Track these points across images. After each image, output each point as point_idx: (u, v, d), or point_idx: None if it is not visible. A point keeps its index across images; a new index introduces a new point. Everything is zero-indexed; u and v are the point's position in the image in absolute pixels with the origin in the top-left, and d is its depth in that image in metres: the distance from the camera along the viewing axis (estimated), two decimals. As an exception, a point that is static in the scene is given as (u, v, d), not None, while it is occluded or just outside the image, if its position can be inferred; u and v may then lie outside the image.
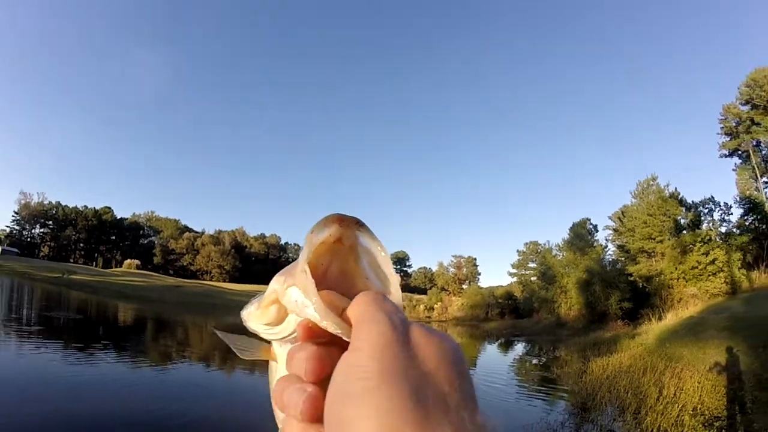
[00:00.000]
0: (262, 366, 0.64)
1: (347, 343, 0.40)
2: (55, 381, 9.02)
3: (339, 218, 0.46)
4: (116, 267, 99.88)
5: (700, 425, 6.98)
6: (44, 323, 16.61)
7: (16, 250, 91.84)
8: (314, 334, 0.44)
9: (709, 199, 38.33)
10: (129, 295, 45.10)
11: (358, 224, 0.47)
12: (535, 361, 19.60)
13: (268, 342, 0.56)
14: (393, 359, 0.36)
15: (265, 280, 0.53)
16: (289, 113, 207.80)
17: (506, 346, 28.62)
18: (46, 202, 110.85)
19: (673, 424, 7.20)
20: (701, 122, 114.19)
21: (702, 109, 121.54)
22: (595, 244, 42.11)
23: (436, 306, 70.03)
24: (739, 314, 18.43)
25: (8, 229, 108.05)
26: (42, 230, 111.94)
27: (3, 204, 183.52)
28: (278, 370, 0.55)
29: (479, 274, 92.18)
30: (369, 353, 0.37)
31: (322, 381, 0.41)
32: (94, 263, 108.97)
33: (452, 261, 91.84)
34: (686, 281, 29.34)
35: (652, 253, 36.03)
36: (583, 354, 16.52)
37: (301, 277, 0.43)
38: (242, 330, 0.58)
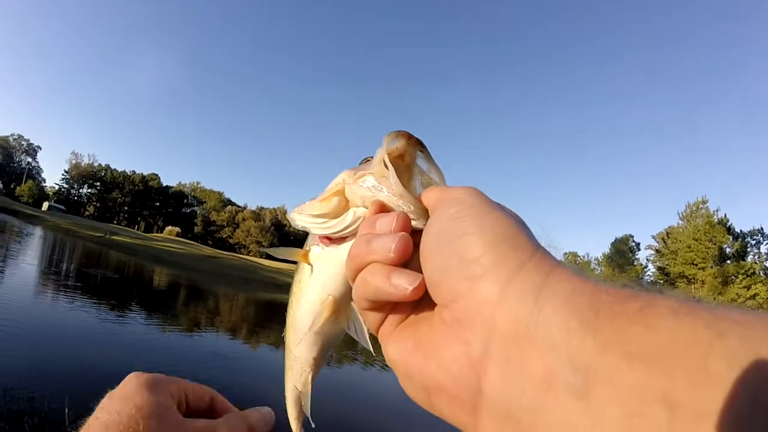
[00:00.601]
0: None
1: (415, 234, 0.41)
2: (85, 335, 9.13)
3: (408, 135, 0.46)
4: (157, 232, 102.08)
5: None
6: (82, 279, 16.96)
7: (62, 207, 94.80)
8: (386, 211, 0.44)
9: (758, 230, 36.43)
10: (166, 260, 45.89)
11: (421, 146, 0.47)
12: None
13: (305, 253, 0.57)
14: (490, 201, 0.39)
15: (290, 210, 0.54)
16: (342, 93, 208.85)
17: None
18: (95, 164, 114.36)
19: None
20: (759, 149, 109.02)
21: (761, 135, 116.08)
22: (635, 262, 40.88)
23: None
24: None
25: (57, 187, 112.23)
26: (89, 190, 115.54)
27: (54, 163, 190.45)
28: (312, 273, 0.56)
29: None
30: (467, 200, 0.38)
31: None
32: (136, 227, 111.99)
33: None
34: (723, 314, 28.13)
35: (693, 280, 34.66)
36: None
37: (380, 166, 0.45)
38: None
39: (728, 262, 32.81)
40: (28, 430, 4.58)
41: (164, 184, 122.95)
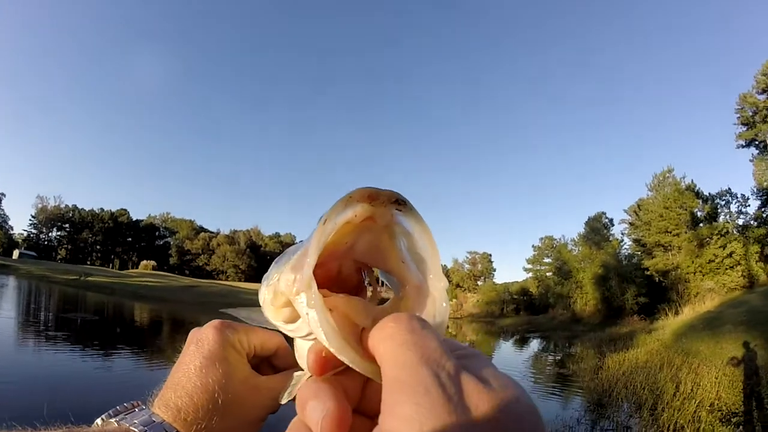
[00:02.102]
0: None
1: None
2: (71, 381, 9.13)
3: (370, 194, 0.36)
4: (132, 268, 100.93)
5: (717, 421, 6.90)
6: (62, 325, 16.84)
7: (33, 253, 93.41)
8: (331, 365, 0.37)
9: (726, 190, 37.70)
10: (145, 296, 45.64)
11: (398, 202, 0.38)
12: (550, 358, 19.52)
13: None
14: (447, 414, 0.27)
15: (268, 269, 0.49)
16: (301, 112, 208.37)
17: (521, 342, 28.45)
18: (62, 206, 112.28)
19: (690, 420, 7.11)
20: (718, 112, 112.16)
21: (719, 99, 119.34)
22: (611, 238, 41.80)
23: (450, 303, 69.89)
24: (756, 308, 18.15)
25: (26, 233, 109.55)
26: (59, 233, 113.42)
27: (20, 208, 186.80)
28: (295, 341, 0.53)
29: (494, 270, 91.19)
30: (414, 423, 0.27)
31: None
32: (110, 265, 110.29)
33: (467, 257, 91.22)
34: (703, 275, 29.12)
35: (669, 247, 35.69)
36: (599, 350, 16.44)
37: (309, 293, 0.35)
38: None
39: (701, 225, 33.69)
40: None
41: (134, 219, 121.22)
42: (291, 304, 0.40)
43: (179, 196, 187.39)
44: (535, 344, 27.15)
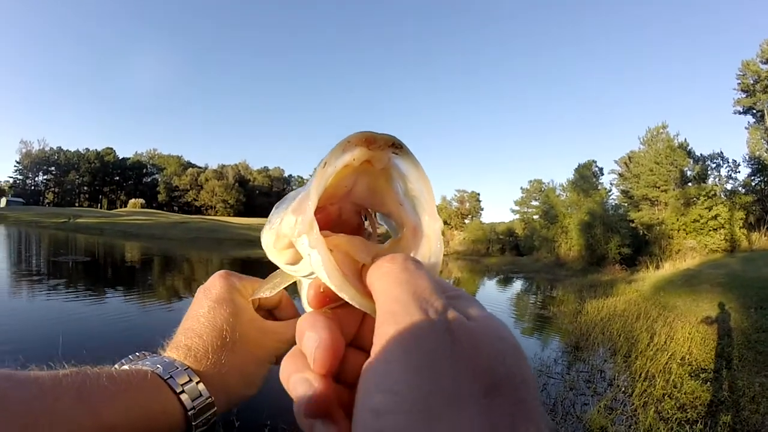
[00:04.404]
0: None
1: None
2: (65, 323, 9.19)
3: (367, 138, 0.38)
4: (121, 207, 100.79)
5: (687, 374, 7.17)
6: (53, 268, 17.01)
7: (21, 199, 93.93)
8: (329, 299, 0.39)
9: (717, 154, 37.69)
10: (134, 234, 45.78)
11: (395, 146, 0.39)
12: (532, 298, 19.71)
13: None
14: (431, 380, 0.28)
15: (269, 214, 0.50)
16: (291, 41, 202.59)
17: (505, 282, 28.51)
18: (47, 149, 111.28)
19: (661, 370, 7.36)
20: (719, 75, 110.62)
21: (721, 62, 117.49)
22: (599, 187, 41.76)
23: (440, 241, 70.75)
24: (735, 272, 18.53)
25: (12, 180, 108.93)
26: (45, 177, 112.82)
27: (4, 154, 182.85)
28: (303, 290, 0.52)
29: (482, 209, 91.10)
30: (399, 373, 0.28)
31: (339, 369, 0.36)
32: (99, 205, 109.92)
33: (455, 195, 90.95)
34: (686, 233, 29.45)
35: (656, 202, 36.07)
36: (580, 295, 16.65)
37: (311, 234, 0.36)
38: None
39: (689, 184, 33.70)
40: None
41: (120, 157, 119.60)
42: (293, 246, 0.41)
43: (166, 131, 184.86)
44: (518, 284, 27.25)
